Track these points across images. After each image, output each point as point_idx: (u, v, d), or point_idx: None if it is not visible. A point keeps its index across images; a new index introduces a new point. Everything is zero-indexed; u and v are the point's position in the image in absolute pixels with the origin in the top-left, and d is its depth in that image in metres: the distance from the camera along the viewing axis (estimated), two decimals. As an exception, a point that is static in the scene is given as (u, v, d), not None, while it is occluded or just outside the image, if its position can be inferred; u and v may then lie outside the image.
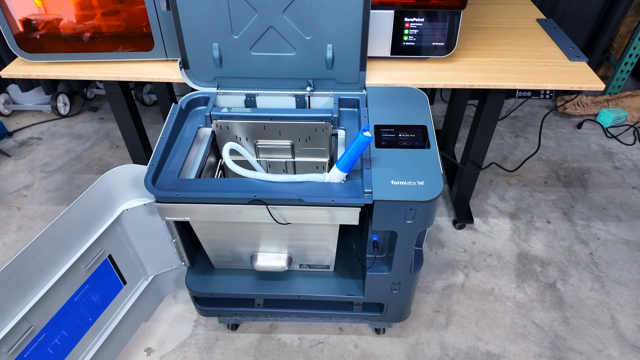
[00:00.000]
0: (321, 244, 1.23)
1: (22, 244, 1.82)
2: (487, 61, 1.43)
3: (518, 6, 1.76)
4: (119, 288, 1.35)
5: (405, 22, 1.34)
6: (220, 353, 1.49)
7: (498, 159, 2.28)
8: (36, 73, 1.39)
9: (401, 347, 1.51)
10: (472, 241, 1.86)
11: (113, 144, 2.40)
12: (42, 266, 1.09)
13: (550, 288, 1.68)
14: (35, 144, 2.41)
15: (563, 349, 1.50)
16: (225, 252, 1.29)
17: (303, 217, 1.07)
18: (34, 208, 2.01)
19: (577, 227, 1.92)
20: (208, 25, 1.24)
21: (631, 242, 1.85)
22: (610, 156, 2.30)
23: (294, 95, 1.33)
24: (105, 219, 1.23)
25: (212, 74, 1.33)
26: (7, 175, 2.20)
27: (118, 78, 1.39)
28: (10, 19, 1.33)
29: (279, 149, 1.38)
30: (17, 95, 2.57)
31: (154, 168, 1.09)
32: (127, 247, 1.33)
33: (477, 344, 1.52)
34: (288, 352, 1.49)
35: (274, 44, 1.27)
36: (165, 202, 1.06)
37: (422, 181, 1.03)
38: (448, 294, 1.67)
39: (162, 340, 1.53)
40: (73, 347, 1.23)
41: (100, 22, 1.40)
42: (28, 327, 1.07)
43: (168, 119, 1.23)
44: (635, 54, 2.50)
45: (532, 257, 1.79)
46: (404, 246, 1.13)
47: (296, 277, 1.35)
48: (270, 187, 1.05)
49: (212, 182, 1.22)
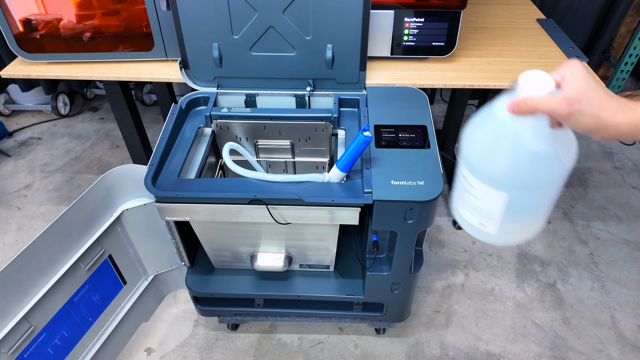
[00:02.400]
0: (321, 244, 1.23)
1: (22, 244, 1.82)
2: (487, 61, 1.43)
3: (518, 6, 1.76)
4: (119, 288, 1.35)
5: (405, 22, 1.34)
6: (220, 353, 1.49)
7: (498, 159, 2.28)
8: (36, 73, 1.39)
9: (401, 347, 1.51)
10: (472, 241, 1.86)
11: (113, 144, 2.40)
12: (42, 266, 1.09)
13: (550, 288, 1.68)
14: (35, 144, 2.41)
15: (563, 348, 1.50)
16: (225, 252, 1.29)
17: (303, 217, 1.07)
18: (34, 208, 2.02)
19: (577, 227, 1.92)
20: (208, 25, 1.24)
21: (631, 242, 1.85)
22: (610, 156, 2.30)
23: (294, 95, 1.33)
24: (106, 218, 1.23)
25: (212, 74, 1.33)
26: (7, 175, 2.20)
27: (118, 78, 1.39)
28: (10, 19, 1.33)
29: (279, 149, 1.38)
30: (17, 95, 2.57)
31: (154, 168, 1.09)
32: (127, 247, 1.33)
33: (477, 343, 1.52)
34: (288, 352, 1.49)
35: (274, 44, 1.26)
36: (165, 202, 1.06)
37: (422, 181, 1.03)
38: (448, 293, 1.67)
39: (162, 340, 1.53)
40: (73, 347, 1.23)
41: (100, 22, 1.40)
42: (28, 327, 1.07)
43: (168, 119, 1.23)
44: (636, 54, 2.50)
45: (532, 257, 1.79)
46: (404, 246, 1.13)
47: (296, 277, 1.35)
48: (270, 187, 1.05)
49: (212, 182, 1.22)
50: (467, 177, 0.64)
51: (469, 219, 0.70)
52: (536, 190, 0.61)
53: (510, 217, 0.64)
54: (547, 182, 0.60)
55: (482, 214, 0.66)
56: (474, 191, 0.64)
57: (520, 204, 0.62)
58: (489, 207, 0.65)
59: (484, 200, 0.64)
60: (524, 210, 0.65)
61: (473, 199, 0.66)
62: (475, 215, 0.67)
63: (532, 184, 0.59)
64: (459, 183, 0.69)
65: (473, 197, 0.65)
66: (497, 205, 0.63)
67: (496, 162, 0.59)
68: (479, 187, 0.63)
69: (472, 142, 0.62)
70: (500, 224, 0.66)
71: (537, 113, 0.54)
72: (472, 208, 0.67)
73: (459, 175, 0.68)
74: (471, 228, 0.72)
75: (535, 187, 0.60)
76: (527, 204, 0.64)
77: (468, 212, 0.68)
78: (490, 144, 0.59)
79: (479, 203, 0.65)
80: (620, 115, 0.53)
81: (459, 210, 0.72)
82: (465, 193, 0.67)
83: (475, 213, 0.67)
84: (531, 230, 0.70)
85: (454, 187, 0.71)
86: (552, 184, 0.61)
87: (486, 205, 0.65)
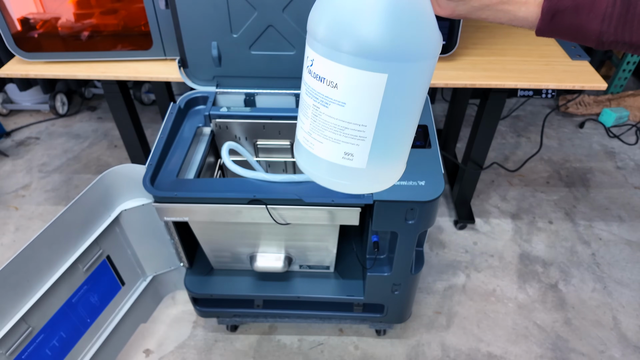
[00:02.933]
0: (321, 245, 1.22)
1: (20, 245, 1.81)
2: (488, 60, 1.42)
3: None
4: (118, 289, 1.34)
5: (406, 20, 1.32)
6: (220, 354, 1.48)
7: (499, 158, 2.27)
8: (34, 72, 1.38)
9: (402, 348, 1.50)
10: (474, 242, 1.85)
11: (111, 144, 2.39)
12: (40, 267, 1.08)
13: (552, 289, 1.67)
14: (33, 143, 2.40)
15: (565, 350, 1.49)
16: (224, 252, 1.28)
17: (303, 217, 1.06)
18: (32, 208, 2.01)
19: (579, 227, 1.91)
20: (207, 24, 1.23)
21: (633, 243, 1.84)
22: (613, 156, 2.29)
23: (294, 94, 1.32)
24: (104, 219, 1.22)
25: (211, 73, 1.32)
26: (5, 175, 2.19)
27: (116, 77, 1.38)
28: (8, 18, 1.32)
29: (279, 148, 1.37)
30: (15, 94, 2.56)
31: (152, 168, 1.08)
32: (126, 247, 1.32)
33: (479, 345, 1.51)
34: (288, 353, 1.48)
35: (274, 43, 1.25)
36: (163, 202, 1.05)
37: (423, 181, 1.02)
38: (449, 294, 1.66)
39: (160, 342, 1.52)
40: (71, 349, 1.22)
41: (98, 20, 1.39)
42: (26, 328, 1.06)
43: (167, 119, 1.22)
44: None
45: (534, 258, 1.78)
46: (404, 247, 1.12)
47: (296, 277, 1.34)
48: (269, 187, 1.04)
49: (211, 182, 1.21)
50: (328, 74, 0.48)
51: (329, 155, 0.53)
52: (416, 65, 0.48)
53: (384, 130, 0.51)
54: (427, 49, 0.48)
55: (349, 133, 0.50)
56: (339, 93, 0.48)
57: (398, 97, 0.49)
58: (360, 114, 0.49)
59: (354, 102, 0.49)
60: (400, 114, 0.52)
61: (337, 111, 0.50)
62: (340, 141, 0.51)
63: (416, 48, 0.47)
64: (309, 102, 0.52)
65: (338, 105, 0.49)
66: (372, 104, 0.49)
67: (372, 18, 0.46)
68: (347, 82, 0.48)
69: (332, 5, 0.48)
70: (371, 147, 0.52)
71: None
72: (335, 130, 0.51)
73: (310, 85, 0.52)
74: (331, 172, 0.54)
75: (417, 58, 0.48)
76: (405, 99, 0.51)
77: (329, 141, 0.52)
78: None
79: (347, 114, 0.49)
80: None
81: (312, 148, 0.54)
82: (324, 108, 0.50)
83: (340, 136, 0.51)
84: (398, 165, 0.58)
85: (302, 117, 0.54)
86: (430, 57, 0.49)
87: (357, 112, 0.49)
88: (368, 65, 0.47)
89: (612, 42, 0.48)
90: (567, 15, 0.48)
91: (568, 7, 0.48)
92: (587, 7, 0.47)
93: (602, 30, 0.48)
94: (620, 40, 0.48)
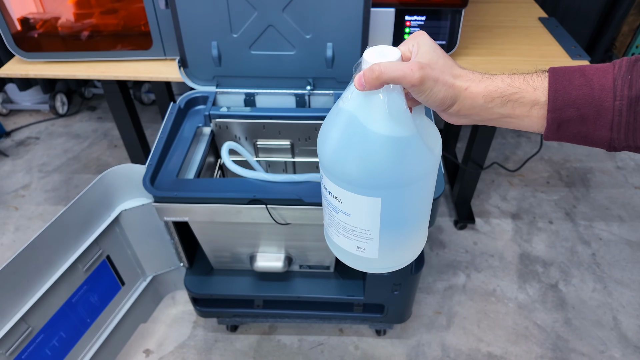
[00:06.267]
0: (321, 245, 1.22)
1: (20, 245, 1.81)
2: (488, 60, 1.41)
3: (520, 4, 1.75)
4: (117, 289, 1.34)
5: (406, 20, 1.33)
6: (220, 354, 1.48)
7: (500, 158, 2.27)
8: (34, 72, 1.38)
9: (402, 348, 1.50)
10: (474, 242, 1.85)
11: (111, 144, 2.39)
12: (40, 267, 1.08)
13: (552, 289, 1.67)
14: (33, 143, 2.40)
15: (565, 350, 1.49)
16: (224, 252, 1.27)
17: (303, 217, 1.05)
18: (32, 208, 2.00)
19: (580, 227, 1.91)
20: (207, 24, 1.23)
21: (633, 243, 1.83)
22: (613, 156, 2.29)
23: (294, 94, 1.32)
24: (104, 219, 1.22)
25: (211, 73, 1.32)
26: (5, 175, 2.19)
27: (116, 77, 1.38)
28: (8, 18, 1.32)
29: (279, 148, 1.37)
30: (15, 94, 2.56)
31: (152, 168, 1.08)
32: (126, 247, 1.32)
33: (479, 345, 1.51)
34: (288, 353, 1.48)
35: (274, 43, 1.25)
36: (163, 202, 1.05)
37: (423, 181, 1.02)
38: (449, 295, 1.65)
39: (160, 342, 1.52)
40: (71, 349, 1.22)
41: (98, 20, 1.39)
42: (26, 328, 1.06)
43: (166, 118, 1.22)
44: (638, 53, 2.49)
45: (534, 258, 1.78)
46: (405, 247, 1.12)
47: (296, 277, 1.34)
48: (269, 187, 1.04)
49: (211, 182, 1.21)
50: (333, 191, 0.56)
51: (345, 246, 0.61)
52: (409, 188, 0.53)
53: (389, 231, 0.57)
54: (417, 175, 0.53)
55: (358, 234, 0.58)
56: (344, 206, 0.56)
57: (396, 210, 0.55)
58: (364, 223, 0.56)
59: (357, 214, 0.56)
60: (402, 220, 0.58)
61: (345, 218, 0.57)
62: (351, 238, 0.59)
63: (402, 179, 0.52)
64: (326, 204, 0.60)
65: (344, 214, 0.57)
66: (372, 217, 0.55)
67: (358, 159, 0.51)
68: (348, 200, 0.55)
69: (328, 146, 0.53)
70: (379, 244, 0.58)
71: (386, 82, 0.47)
72: (346, 230, 0.59)
73: (324, 193, 0.59)
74: (350, 258, 0.62)
75: (406, 183, 0.53)
76: (404, 210, 0.56)
77: (343, 237, 0.60)
78: (346, 141, 0.51)
79: (353, 221, 0.57)
80: (477, 85, 0.48)
81: (332, 238, 0.63)
82: (335, 213, 0.58)
83: (351, 235, 0.59)
84: (414, 247, 0.63)
85: (324, 212, 0.63)
86: (423, 178, 0.54)
87: (361, 221, 0.56)
88: (362, 192, 0.53)
89: (624, 147, 0.47)
90: (573, 125, 0.47)
91: (573, 118, 0.47)
92: (593, 117, 0.46)
93: (612, 137, 0.46)
94: (632, 145, 0.46)
